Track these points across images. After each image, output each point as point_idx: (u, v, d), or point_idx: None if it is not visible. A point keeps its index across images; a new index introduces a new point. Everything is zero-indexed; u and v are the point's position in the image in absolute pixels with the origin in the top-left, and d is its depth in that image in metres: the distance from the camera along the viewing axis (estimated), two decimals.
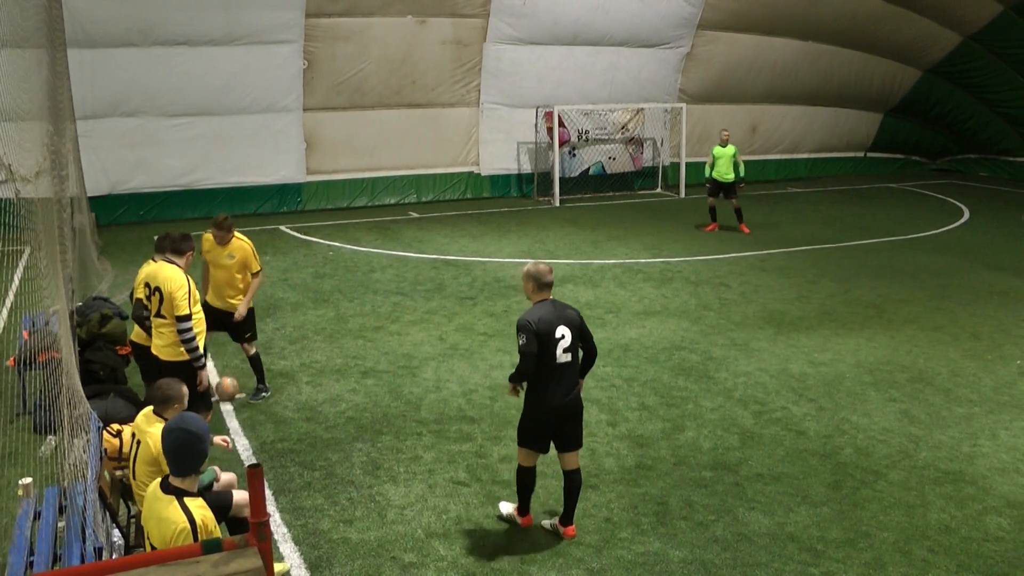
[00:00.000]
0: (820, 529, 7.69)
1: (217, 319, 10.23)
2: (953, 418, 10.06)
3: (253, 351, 10.58)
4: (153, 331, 8.56)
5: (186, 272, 8.47)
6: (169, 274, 8.36)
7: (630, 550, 7.37)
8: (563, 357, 7.22)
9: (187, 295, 8.25)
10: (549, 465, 8.36)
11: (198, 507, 4.77)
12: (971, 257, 18.08)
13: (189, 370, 8.30)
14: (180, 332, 8.25)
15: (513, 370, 7.39)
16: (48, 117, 11.07)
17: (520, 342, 7.19)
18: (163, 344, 8.48)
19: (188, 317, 8.24)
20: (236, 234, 10.48)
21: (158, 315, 8.46)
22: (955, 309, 14.31)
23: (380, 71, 23.49)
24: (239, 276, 10.40)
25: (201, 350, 8.44)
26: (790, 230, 20.92)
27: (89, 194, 19.18)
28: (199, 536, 4.64)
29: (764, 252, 18.50)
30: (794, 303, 14.65)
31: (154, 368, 8.53)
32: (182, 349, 8.36)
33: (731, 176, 20.27)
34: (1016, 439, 9.50)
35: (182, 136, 21.83)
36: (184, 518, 4.69)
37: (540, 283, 7.39)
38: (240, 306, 10.30)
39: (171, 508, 4.75)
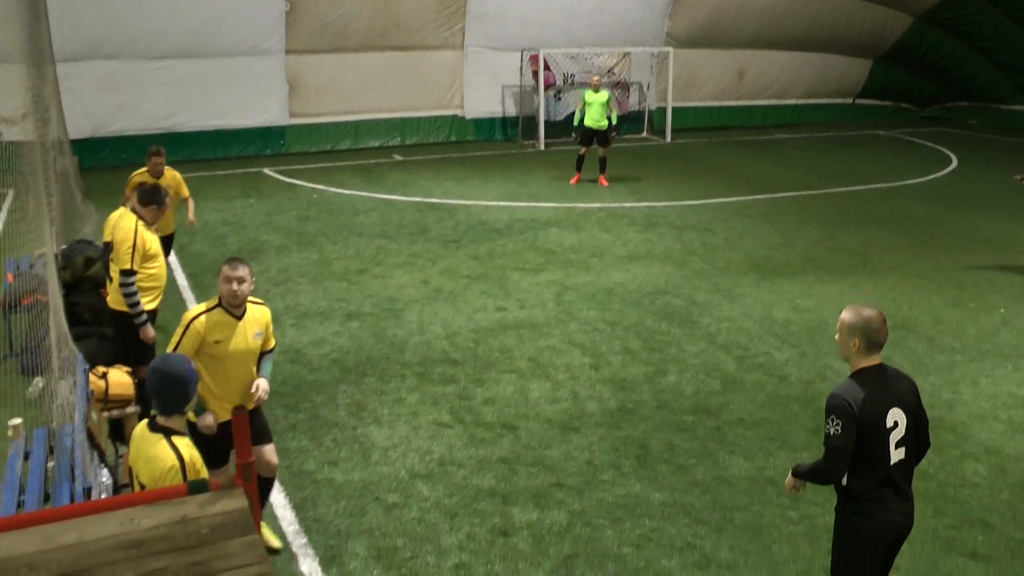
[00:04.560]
0: None
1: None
2: (935, 365, 10.16)
3: None
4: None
5: (147, 227, 8.30)
6: (122, 224, 8.22)
7: (611, 492, 7.46)
8: (897, 454, 4.94)
9: (131, 250, 8.06)
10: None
11: (185, 445, 4.80)
12: (958, 205, 18.13)
13: (129, 322, 8.23)
14: (121, 286, 8.10)
15: (805, 464, 5.22)
16: (30, 59, 10.93)
17: (829, 430, 4.87)
18: (112, 290, 8.36)
19: (129, 272, 8.06)
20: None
21: (111, 261, 8.38)
22: (940, 257, 14.39)
23: (363, 13, 23.21)
24: (173, 204, 11.14)
25: (145, 307, 8.24)
26: (776, 176, 20.92)
27: (71, 137, 18.98)
28: (188, 474, 4.68)
29: (749, 198, 18.51)
30: (779, 249, 14.70)
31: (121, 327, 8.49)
32: (123, 299, 8.21)
33: (604, 123, 19.31)
34: (996, 387, 9.61)
35: (163, 79, 21.59)
36: (173, 456, 4.73)
37: (870, 340, 4.95)
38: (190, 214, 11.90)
39: (159, 446, 4.79)
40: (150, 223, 8.34)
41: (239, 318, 6.18)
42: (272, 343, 6.53)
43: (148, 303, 8.28)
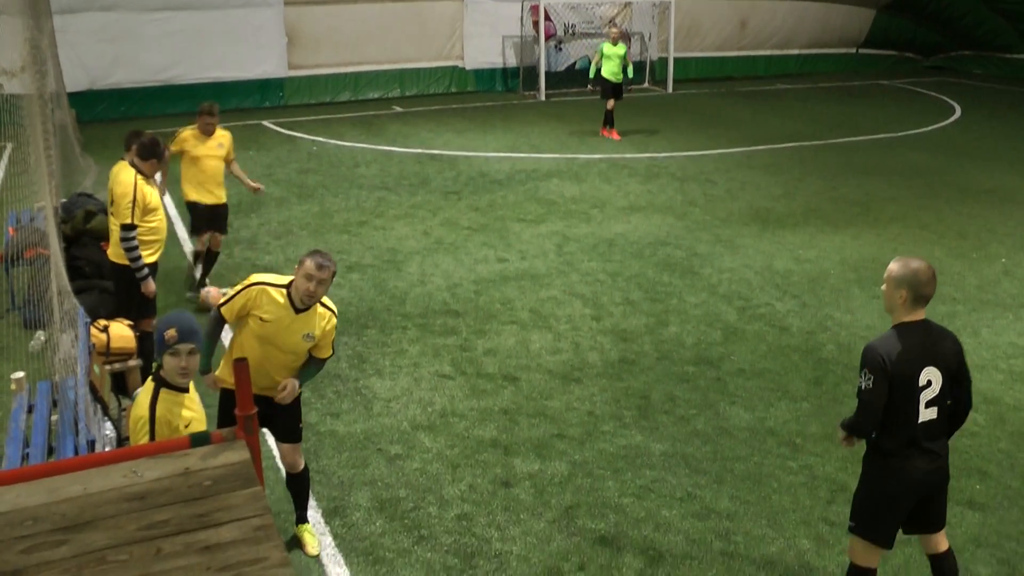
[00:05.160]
0: (800, 424, 7.84)
1: (207, 215, 10.38)
2: (936, 316, 10.04)
3: (219, 248, 10.75)
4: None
5: (147, 180, 8.16)
6: (122, 178, 8.08)
7: (612, 443, 7.51)
8: (927, 414, 4.92)
9: (131, 204, 7.94)
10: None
11: (169, 401, 4.79)
12: (960, 155, 18.05)
13: (131, 275, 8.17)
14: (122, 240, 8.01)
15: (846, 419, 5.17)
16: (28, 11, 10.84)
17: (861, 384, 4.91)
18: (113, 244, 8.27)
19: (130, 227, 7.96)
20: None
21: (111, 215, 8.29)
22: (942, 208, 14.35)
23: None
24: (222, 167, 10.48)
25: (146, 260, 8.16)
26: (778, 127, 20.80)
27: (68, 90, 18.87)
28: (157, 429, 4.69)
29: (751, 149, 18.43)
30: (780, 200, 14.65)
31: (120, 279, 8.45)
32: (124, 253, 8.12)
33: (621, 76, 19.09)
34: (997, 337, 9.62)
35: (161, 31, 21.40)
36: (146, 409, 4.73)
37: (917, 294, 4.90)
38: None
39: (143, 396, 4.82)
40: (149, 176, 8.27)
41: (298, 311, 5.70)
42: (327, 353, 6.01)
43: (149, 256, 8.24)
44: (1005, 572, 6.04)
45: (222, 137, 10.47)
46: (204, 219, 10.39)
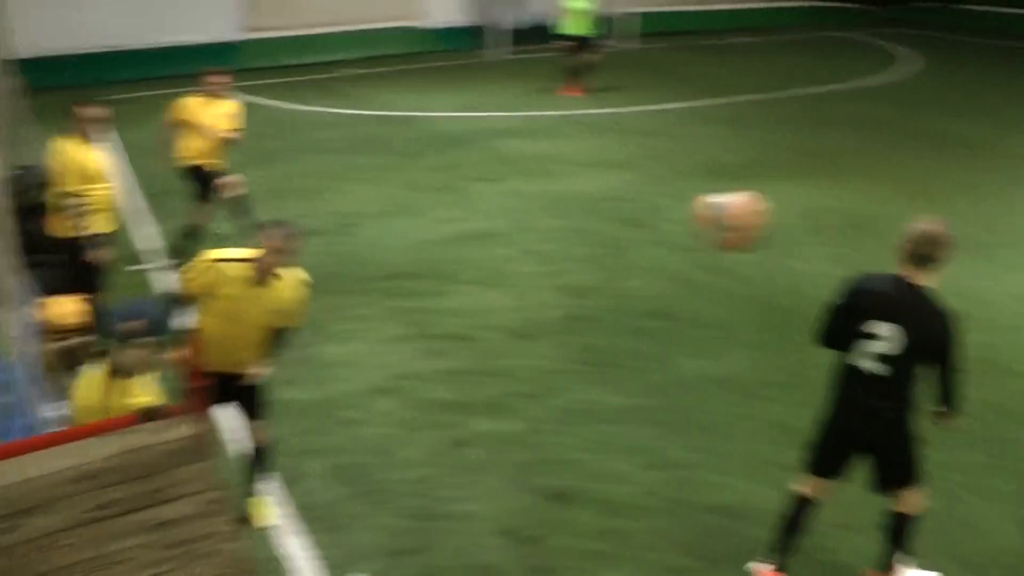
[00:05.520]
0: (754, 372, 7.95)
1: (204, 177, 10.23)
2: (891, 265, 10.23)
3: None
4: None
5: (83, 144, 8.00)
6: (58, 147, 8.01)
7: (568, 399, 7.57)
8: (868, 363, 5.01)
9: (67, 171, 7.84)
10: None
11: (113, 387, 4.76)
12: (922, 107, 18.12)
13: (76, 248, 8.09)
14: (64, 209, 7.92)
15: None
16: None
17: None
18: (59, 216, 8.12)
19: (69, 194, 7.87)
20: None
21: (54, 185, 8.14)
22: (903, 159, 14.42)
23: None
24: (221, 140, 10.22)
25: (92, 231, 8.05)
26: (738, 81, 20.80)
27: (14, 57, 18.51)
28: (100, 416, 4.67)
29: (709, 102, 18.42)
30: (740, 152, 14.70)
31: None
32: (68, 224, 8.04)
33: (585, 31, 18.95)
34: (956, 286, 9.71)
35: None
36: (90, 398, 4.70)
37: (915, 251, 5.01)
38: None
39: (88, 382, 4.78)
40: (84, 138, 8.06)
41: (262, 286, 5.52)
42: (297, 321, 5.86)
43: (95, 226, 8.14)
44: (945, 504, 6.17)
45: (229, 105, 10.23)
46: (204, 183, 10.22)
